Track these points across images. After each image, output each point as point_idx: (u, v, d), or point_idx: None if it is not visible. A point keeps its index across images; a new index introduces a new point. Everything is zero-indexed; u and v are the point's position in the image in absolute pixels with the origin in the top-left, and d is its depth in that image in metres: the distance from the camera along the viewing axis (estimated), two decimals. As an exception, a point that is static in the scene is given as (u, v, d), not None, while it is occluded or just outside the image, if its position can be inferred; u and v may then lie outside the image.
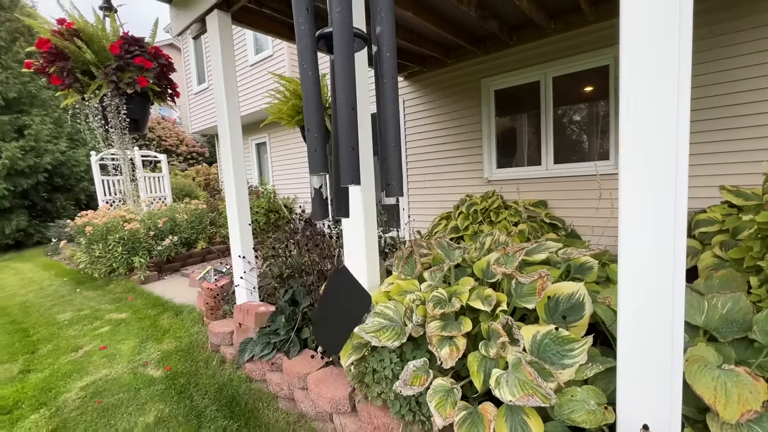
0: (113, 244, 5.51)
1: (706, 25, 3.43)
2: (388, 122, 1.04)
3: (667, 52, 1.12)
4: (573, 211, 4.36)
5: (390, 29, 1.01)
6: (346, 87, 0.97)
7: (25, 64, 2.51)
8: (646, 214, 1.20)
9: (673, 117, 1.15)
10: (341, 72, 0.96)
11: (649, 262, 1.20)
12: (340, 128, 1.00)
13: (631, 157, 1.21)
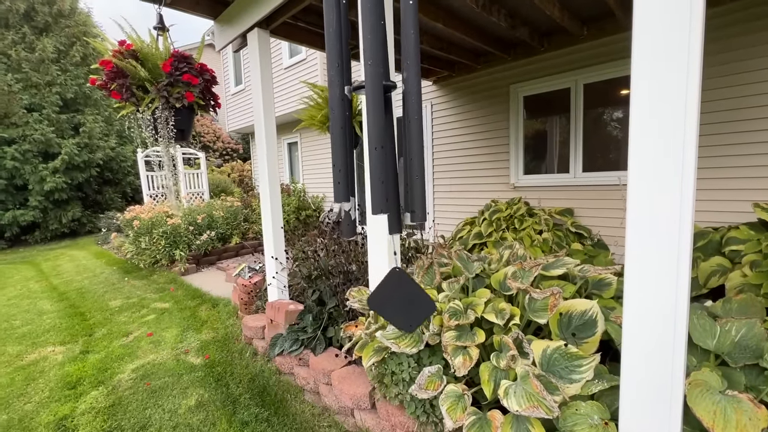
0: (157, 237, 5.95)
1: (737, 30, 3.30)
2: (413, 156, 1.16)
3: (676, 66, 1.17)
4: (600, 220, 4.31)
5: (414, 76, 1.13)
6: (376, 130, 1.10)
7: (90, 81, 2.82)
8: (650, 237, 1.26)
9: (680, 135, 1.19)
10: (371, 120, 1.10)
11: (652, 282, 1.26)
12: (370, 164, 1.14)
13: (636, 176, 1.27)
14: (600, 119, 4.47)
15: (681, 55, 1.17)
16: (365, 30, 1.09)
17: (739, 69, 3.34)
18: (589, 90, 4.39)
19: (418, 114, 1.13)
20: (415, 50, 1.11)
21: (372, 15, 1.08)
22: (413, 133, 1.13)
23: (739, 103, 3.35)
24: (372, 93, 1.09)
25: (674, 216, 1.22)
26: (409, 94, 1.12)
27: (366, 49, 1.09)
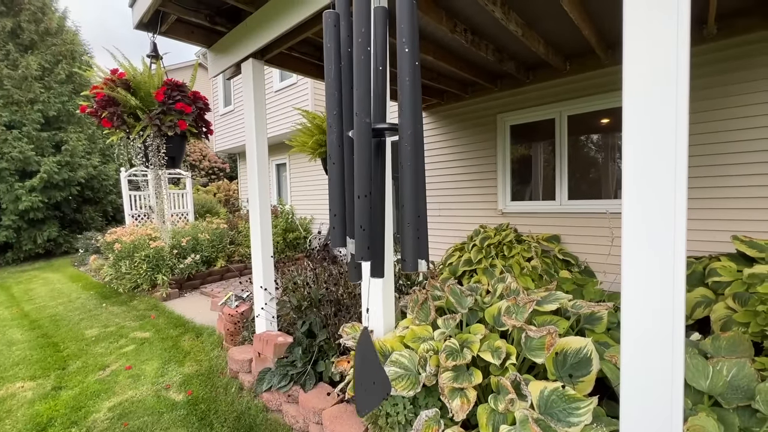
0: (139, 261, 5.77)
1: (717, 75, 3.51)
2: (405, 203, 1.17)
3: (664, 106, 1.22)
4: (586, 247, 4.39)
5: (409, 122, 1.14)
6: (362, 179, 1.11)
7: (80, 109, 2.77)
8: (646, 278, 1.28)
9: (671, 173, 1.23)
10: (358, 169, 1.11)
11: (648, 326, 1.27)
12: (355, 211, 1.14)
13: (630, 213, 1.30)
14: (584, 149, 4.63)
15: (670, 89, 1.21)
16: (357, 82, 1.11)
17: (717, 106, 3.53)
18: (573, 121, 4.56)
19: (412, 161, 1.14)
20: (411, 97, 1.13)
21: (362, 69, 1.10)
22: (406, 179, 1.14)
23: (717, 138, 3.53)
24: (359, 143, 1.11)
25: (668, 254, 1.25)
26: (403, 140, 1.14)
27: (357, 100, 1.11)
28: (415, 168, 1.16)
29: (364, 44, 1.12)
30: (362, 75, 1.11)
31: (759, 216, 3.37)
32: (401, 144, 1.15)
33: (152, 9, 2.74)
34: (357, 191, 1.11)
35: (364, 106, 1.11)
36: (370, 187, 1.15)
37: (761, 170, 3.35)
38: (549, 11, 3.10)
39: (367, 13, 1.12)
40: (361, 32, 1.11)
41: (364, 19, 1.11)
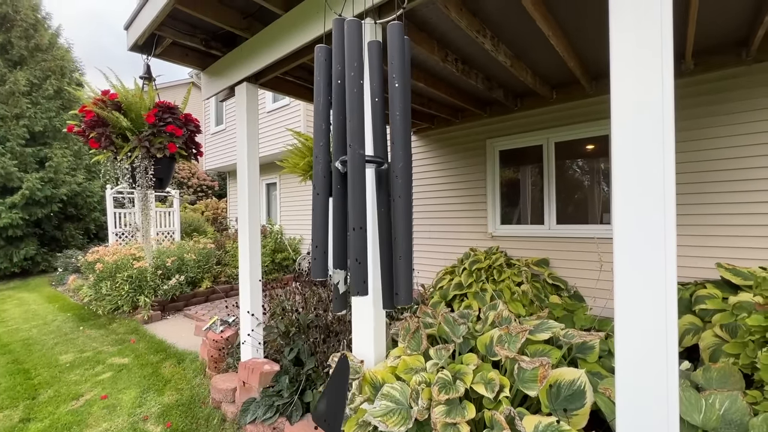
0: (121, 282, 5.59)
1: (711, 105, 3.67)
2: (397, 236, 1.16)
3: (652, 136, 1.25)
4: (576, 271, 4.42)
5: (401, 155, 1.15)
6: (357, 211, 1.10)
7: (68, 128, 2.73)
8: (639, 311, 1.28)
9: (660, 200, 1.25)
10: (352, 200, 1.10)
11: (642, 359, 1.26)
12: (350, 243, 1.13)
13: (621, 242, 1.31)
14: (571, 175, 4.74)
15: (656, 121, 1.25)
16: (350, 113, 1.11)
17: (697, 137, 3.67)
18: (560, 147, 4.68)
19: (404, 193, 1.14)
20: (402, 131, 1.14)
21: (355, 101, 1.11)
22: (399, 212, 1.13)
23: (699, 167, 3.65)
24: (353, 175, 1.10)
25: (660, 284, 1.25)
26: (394, 173, 1.14)
27: (350, 132, 1.11)
28: (407, 201, 1.16)
29: (357, 77, 1.13)
30: (355, 107, 1.12)
31: (741, 243, 3.46)
32: (393, 177, 1.15)
33: (148, 32, 2.75)
34: (353, 223, 1.10)
35: (357, 137, 1.12)
36: (366, 219, 1.14)
37: (741, 199, 3.47)
38: (536, 44, 3.22)
39: (359, 47, 1.13)
40: (353, 66, 1.12)
41: (357, 53, 1.13)
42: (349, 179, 1.10)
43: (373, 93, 1.20)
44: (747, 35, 3.19)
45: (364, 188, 1.11)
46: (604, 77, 4.09)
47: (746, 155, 3.45)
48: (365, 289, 1.12)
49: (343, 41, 1.16)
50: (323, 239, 1.20)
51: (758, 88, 3.40)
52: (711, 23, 3.00)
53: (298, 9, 2.46)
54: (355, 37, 1.12)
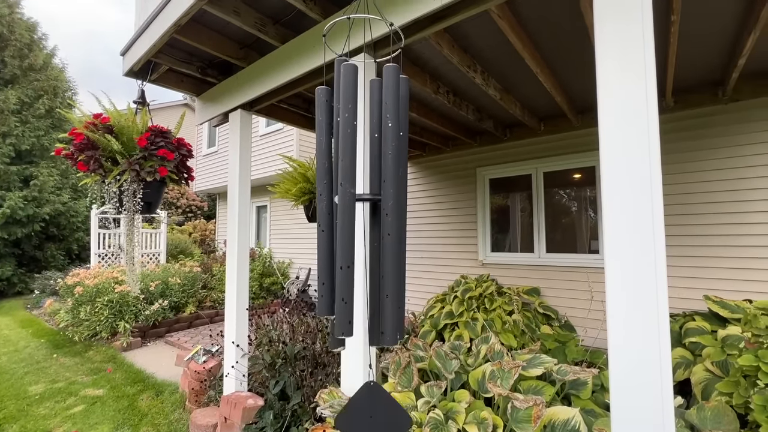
0: (101, 306, 5.38)
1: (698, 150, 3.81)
2: (384, 274, 1.14)
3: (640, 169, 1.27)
4: (566, 301, 4.42)
5: (389, 193, 1.15)
6: (345, 249, 1.08)
7: (56, 151, 2.69)
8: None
9: (650, 232, 1.26)
10: (341, 238, 1.09)
11: (638, 398, 1.24)
12: (336, 282, 1.11)
13: (613, 276, 1.30)
14: (560, 204, 4.81)
15: (644, 161, 1.28)
16: (343, 153, 1.12)
17: (678, 170, 3.79)
18: (549, 177, 4.78)
19: (395, 232, 1.13)
20: (394, 169, 1.14)
21: (348, 141, 1.12)
22: (388, 250, 1.12)
23: (685, 200, 3.75)
24: (343, 212, 1.10)
25: (653, 318, 1.25)
26: (384, 210, 1.13)
27: (342, 170, 1.11)
28: (398, 238, 1.15)
29: (351, 119, 1.14)
30: (348, 147, 1.13)
31: (726, 275, 3.51)
32: (383, 214, 1.14)
33: (144, 59, 2.78)
34: (340, 261, 1.09)
35: (349, 176, 1.12)
36: (354, 258, 1.12)
37: (725, 231, 3.55)
38: (525, 79, 3.34)
39: (354, 89, 1.15)
40: (348, 107, 1.14)
41: (351, 95, 1.14)
42: (339, 217, 1.10)
43: (373, 129, 1.22)
44: (722, 77, 3.37)
45: (353, 226, 1.10)
46: (590, 111, 4.25)
47: (726, 189, 3.56)
48: (350, 330, 1.09)
49: (340, 74, 1.18)
50: (330, 275, 1.18)
51: (734, 125, 3.56)
52: (689, 66, 3.16)
53: (295, 42, 2.52)
54: (350, 80, 1.13)
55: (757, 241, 3.40)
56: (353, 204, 1.10)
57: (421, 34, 2.02)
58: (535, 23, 2.52)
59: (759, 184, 3.42)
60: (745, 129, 3.50)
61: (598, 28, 1.36)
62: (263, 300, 7.56)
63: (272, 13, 2.52)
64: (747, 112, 3.49)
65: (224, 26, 2.68)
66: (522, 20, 2.47)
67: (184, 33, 2.52)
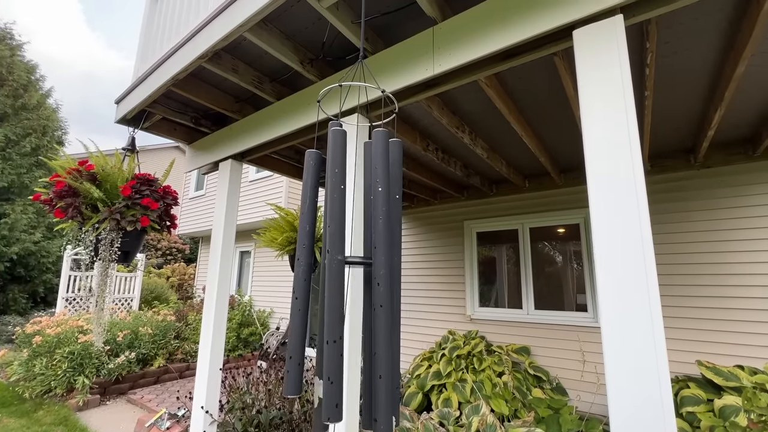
0: (60, 359, 4.94)
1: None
2: (377, 350, 1.06)
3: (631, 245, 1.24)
4: (557, 361, 4.28)
5: (381, 261, 1.10)
6: (332, 321, 1.01)
7: (34, 197, 2.59)
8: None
9: (645, 294, 1.22)
10: (328, 309, 1.02)
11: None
12: (323, 359, 1.02)
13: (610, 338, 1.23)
14: (548, 260, 4.83)
15: (634, 225, 1.27)
16: (330, 218, 1.08)
17: (668, 230, 3.88)
18: (535, 232, 4.84)
19: (387, 302, 1.06)
20: (385, 236, 1.10)
21: (336, 206, 1.09)
22: (380, 323, 1.05)
23: (670, 260, 3.80)
24: (330, 282, 1.03)
25: (654, 385, 1.18)
26: (376, 279, 1.08)
27: (329, 236, 1.07)
28: (390, 310, 1.09)
29: (338, 182, 1.12)
30: (336, 211, 1.09)
31: (717, 338, 3.48)
32: (374, 284, 1.09)
33: (139, 108, 2.80)
34: (327, 335, 1.00)
35: (337, 242, 1.07)
36: (343, 331, 1.04)
37: (710, 293, 3.58)
38: (511, 141, 3.48)
39: (342, 154, 1.14)
40: (334, 172, 1.12)
41: (339, 158, 1.13)
42: (326, 286, 1.04)
43: (366, 191, 1.20)
44: (693, 145, 3.59)
45: (341, 296, 1.03)
46: (571, 171, 4.42)
47: (707, 251, 3.65)
48: (338, 415, 0.99)
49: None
50: (299, 350, 1.09)
51: (707, 190, 3.73)
52: (662, 135, 3.36)
53: (290, 99, 2.59)
54: (339, 144, 1.13)
55: (741, 304, 3.43)
56: (342, 272, 1.05)
57: (413, 99, 2.10)
58: (521, 92, 2.67)
59: (737, 247, 3.52)
60: (718, 194, 3.66)
61: (583, 103, 1.42)
62: (240, 352, 7.11)
63: (269, 71, 2.61)
64: (719, 178, 3.68)
65: (221, 81, 2.75)
66: (508, 89, 2.62)
67: (181, 86, 2.57)
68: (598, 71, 1.38)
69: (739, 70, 2.08)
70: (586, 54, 1.42)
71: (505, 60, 1.75)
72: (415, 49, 1.91)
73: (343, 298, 1.05)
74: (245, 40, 2.22)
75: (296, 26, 2.15)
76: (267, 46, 2.10)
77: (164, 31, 2.68)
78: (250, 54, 2.43)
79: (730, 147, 3.57)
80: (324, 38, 2.19)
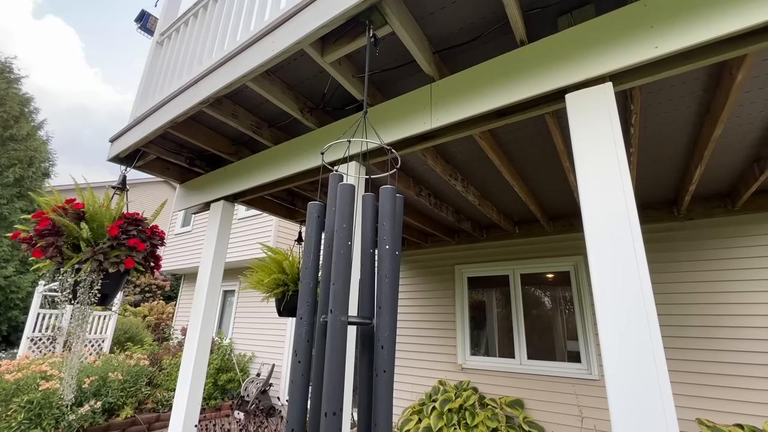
0: (16, 409, 4.52)
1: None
2: (379, 422, 0.99)
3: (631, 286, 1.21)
4: (553, 416, 4.09)
5: (387, 322, 1.06)
6: (334, 391, 0.95)
7: (12, 235, 2.48)
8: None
9: (649, 349, 1.17)
10: (329, 377, 0.96)
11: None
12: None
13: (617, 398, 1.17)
14: (540, 307, 4.78)
15: (632, 273, 1.26)
16: (336, 275, 1.05)
17: (660, 280, 3.91)
18: (526, 278, 4.82)
19: (389, 367, 1.02)
20: (390, 296, 1.07)
21: (341, 262, 1.06)
22: (382, 389, 1.00)
23: (665, 310, 3.79)
24: (332, 344, 0.98)
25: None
26: (380, 341, 1.04)
27: (333, 294, 1.03)
28: (391, 373, 1.03)
29: (345, 238, 1.10)
30: (341, 269, 1.06)
31: (714, 394, 3.40)
32: (377, 347, 1.04)
33: (134, 148, 2.79)
34: (326, 407, 0.93)
35: (341, 302, 1.03)
36: (343, 402, 0.97)
37: (704, 345, 3.54)
38: (502, 189, 3.56)
39: (351, 210, 1.13)
40: (342, 227, 1.10)
41: (347, 214, 1.12)
42: (327, 350, 0.98)
43: (364, 245, 1.18)
44: (676, 197, 3.72)
45: (343, 362, 0.98)
46: (560, 219, 4.51)
47: (697, 302, 3.66)
48: None
49: (335, 192, 1.18)
50: (300, 422, 1.01)
51: (691, 241, 3.82)
52: (647, 188, 3.49)
53: (287, 144, 2.63)
54: (347, 199, 1.12)
55: (733, 358, 3.39)
56: (344, 335, 1.00)
57: (410, 150, 2.14)
58: (512, 145, 2.77)
59: (724, 299, 3.55)
60: (703, 246, 3.75)
61: (578, 160, 1.46)
62: (216, 401, 6.64)
63: (268, 117, 2.66)
64: (702, 230, 3.78)
65: (219, 125, 2.78)
66: (500, 141, 2.71)
67: (179, 128, 2.59)
68: (590, 130, 1.44)
69: (716, 132, 2.20)
70: (579, 114, 1.48)
71: (499, 118, 1.82)
72: (413, 103, 1.98)
73: (344, 364, 0.99)
74: (247, 88, 2.28)
75: (298, 77, 2.22)
76: (268, 95, 2.15)
77: (166, 75, 2.74)
78: (251, 101, 2.48)
79: (711, 200, 3.72)
80: (325, 90, 2.26)
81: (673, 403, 1.17)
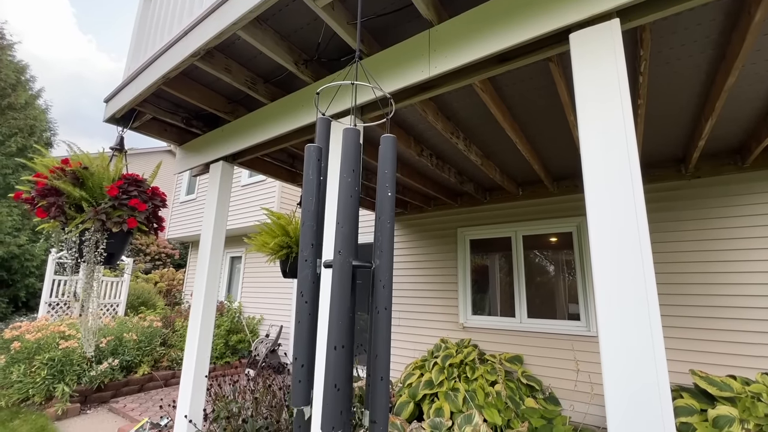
0: (39, 365, 4.77)
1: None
2: (378, 352, 1.02)
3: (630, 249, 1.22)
4: (550, 370, 4.24)
5: (387, 263, 1.07)
6: (339, 326, 0.97)
7: (15, 196, 2.51)
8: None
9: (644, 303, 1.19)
10: (335, 312, 0.97)
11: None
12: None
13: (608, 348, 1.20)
14: (541, 268, 4.82)
15: (632, 231, 1.26)
16: (343, 219, 1.05)
17: (661, 239, 3.89)
18: (528, 240, 4.83)
19: (389, 305, 1.04)
20: (389, 240, 1.07)
21: (350, 207, 1.05)
22: (382, 325, 1.02)
23: (663, 269, 3.80)
24: (339, 285, 0.99)
25: (655, 401, 1.15)
26: (381, 281, 1.05)
27: (342, 237, 1.03)
28: (389, 313, 1.05)
29: (353, 184, 1.08)
30: (350, 213, 1.06)
31: (708, 348, 3.47)
32: (378, 286, 1.05)
33: (128, 107, 2.74)
34: (334, 341, 0.96)
35: (348, 244, 1.03)
36: (349, 335, 1.00)
37: (701, 302, 3.58)
38: (505, 147, 3.48)
39: (357, 154, 1.11)
40: (351, 172, 1.08)
41: (354, 159, 1.09)
42: (335, 289, 0.99)
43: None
44: (684, 155, 3.62)
45: (349, 300, 0.99)
46: (565, 179, 4.44)
47: (697, 260, 3.66)
48: (342, 423, 0.94)
49: (327, 137, 1.16)
50: (309, 355, 1.04)
51: (697, 200, 3.76)
52: (654, 144, 3.39)
53: (284, 100, 2.56)
54: (353, 144, 1.10)
55: (731, 314, 3.43)
56: (351, 276, 1.01)
57: (409, 102, 2.08)
58: (515, 98, 2.67)
59: (728, 257, 3.54)
60: (709, 204, 3.70)
61: (580, 103, 1.41)
62: (228, 359, 6.95)
63: (263, 72, 2.58)
64: (709, 188, 3.71)
65: (213, 81, 2.71)
66: (502, 94, 2.62)
67: (172, 85, 2.53)
68: (595, 71, 1.38)
69: (730, 80, 2.10)
70: (583, 56, 1.41)
71: (501, 63, 1.74)
72: (411, 50, 1.89)
73: (351, 302, 1.01)
74: (239, 39, 2.19)
75: (291, 26, 2.13)
76: (261, 46, 2.07)
77: (157, 29, 2.64)
78: (244, 54, 2.40)
79: (720, 157, 3.62)
80: (319, 39, 2.17)
81: (665, 352, 1.18)
